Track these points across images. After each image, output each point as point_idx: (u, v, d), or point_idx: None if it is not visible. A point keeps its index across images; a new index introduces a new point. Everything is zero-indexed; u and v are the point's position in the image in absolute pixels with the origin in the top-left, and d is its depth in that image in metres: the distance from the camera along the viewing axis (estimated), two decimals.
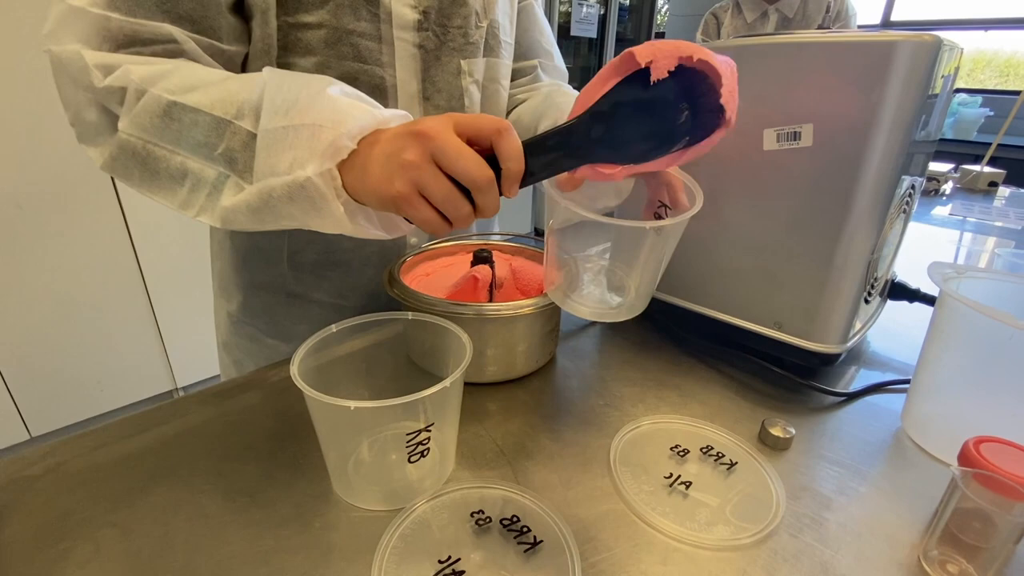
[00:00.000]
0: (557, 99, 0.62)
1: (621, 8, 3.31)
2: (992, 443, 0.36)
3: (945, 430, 0.43)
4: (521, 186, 0.36)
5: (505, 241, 0.65)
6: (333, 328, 0.41)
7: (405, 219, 0.38)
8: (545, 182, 0.38)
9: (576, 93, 0.68)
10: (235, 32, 0.47)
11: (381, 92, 0.54)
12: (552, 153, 0.36)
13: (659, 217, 0.44)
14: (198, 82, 0.39)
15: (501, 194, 0.36)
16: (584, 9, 3.11)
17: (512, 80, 0.69)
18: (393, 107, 0.55)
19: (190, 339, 1.70)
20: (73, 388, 1.55)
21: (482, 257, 0.54)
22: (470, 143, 0.34)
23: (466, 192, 0.34)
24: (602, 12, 3.23)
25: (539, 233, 0.64)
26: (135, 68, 0.39)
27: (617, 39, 3.37)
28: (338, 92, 0.39)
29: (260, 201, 0.38)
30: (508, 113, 0.70)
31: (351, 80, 0.52)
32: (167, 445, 0.43)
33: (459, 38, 0.56)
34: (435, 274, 0.58)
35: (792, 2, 1.87)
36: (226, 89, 0.39)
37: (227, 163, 0.38)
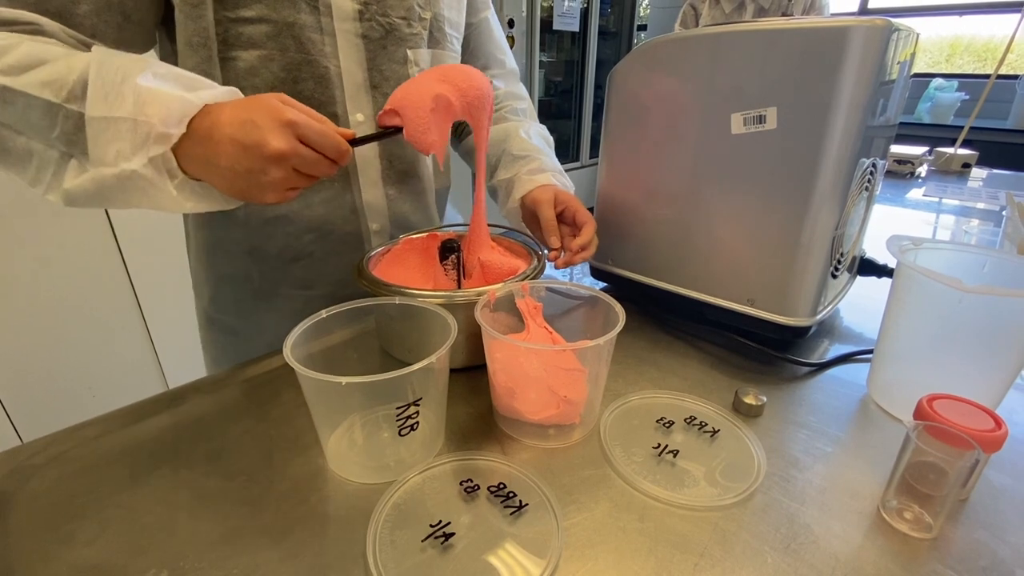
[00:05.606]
0: (513, 139, 0.70)
1: (603, 1, 3.32)
2: (944, 400, 0.38)
3: (905, 392, 0.45)
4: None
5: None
6: (324, 314, 0.43)
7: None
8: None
9: (524, 120, 0.76)
10: (115, 23, 0.47)
11: (326, 82, 0.55)
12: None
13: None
14: (35, 61, 0.39)
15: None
16: (566, 3, 3.11)
17: None
18: (340, 97, 0.57)
19: (181, 342, 1.70)
20: (64, 394, 1.55)
21: (450, 247, 0.55)
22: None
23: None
24: (584, 6, 3.24)
25: None
26: None
27: (600, 32, 3.37)
28: (149, 80, 0.39)
29: (95, 187, 0.40)
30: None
31: (295, 71, 0.53)
32: (165, 433, 0.45)
33: (404, 28, 0.58)
34: (404, 264, 0.59)
35: None
36: (57, 70, 0.39)
37: (67, 145, 0.39)
